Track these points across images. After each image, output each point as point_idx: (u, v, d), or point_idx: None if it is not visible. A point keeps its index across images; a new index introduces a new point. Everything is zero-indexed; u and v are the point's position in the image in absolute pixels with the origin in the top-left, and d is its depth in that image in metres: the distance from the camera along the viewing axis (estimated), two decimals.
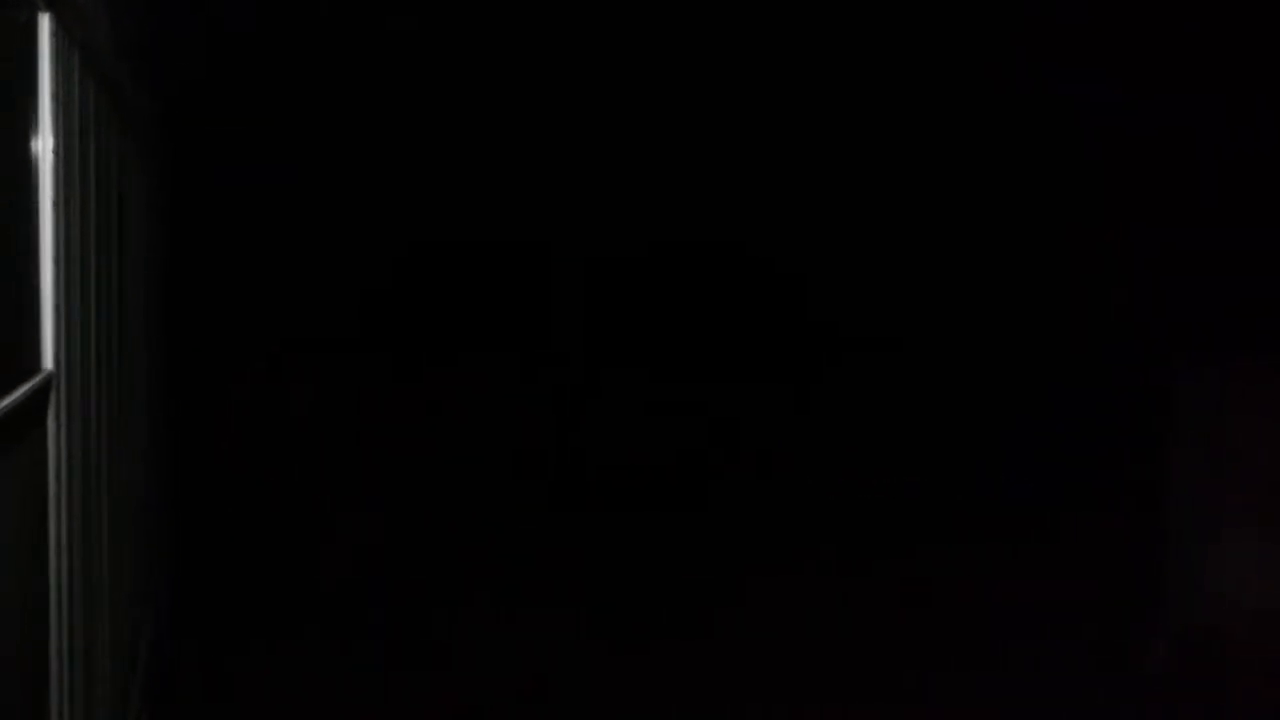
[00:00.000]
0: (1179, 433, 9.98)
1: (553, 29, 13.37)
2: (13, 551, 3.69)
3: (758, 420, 16.30)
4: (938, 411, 16.06)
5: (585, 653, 10.38)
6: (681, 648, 10.50)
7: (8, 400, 3.58)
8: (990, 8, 12.36)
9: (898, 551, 13.59)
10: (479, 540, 14.14)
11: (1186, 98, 12.60)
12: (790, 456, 16.01)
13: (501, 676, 9.96)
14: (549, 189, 15.75)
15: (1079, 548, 13.11)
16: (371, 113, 14.78)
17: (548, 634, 10.85)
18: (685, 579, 12.58)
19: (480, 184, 15.75)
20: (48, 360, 4.49)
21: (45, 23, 4.30)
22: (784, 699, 9.50)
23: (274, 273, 15.74)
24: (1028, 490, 14.53)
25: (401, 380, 16.15)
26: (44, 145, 4.41)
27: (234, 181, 14.88)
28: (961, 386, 16.02)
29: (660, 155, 15.53)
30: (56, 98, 4.45)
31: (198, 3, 10.18)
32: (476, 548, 13.85)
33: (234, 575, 12.52)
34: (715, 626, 11.11)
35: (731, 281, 16.45)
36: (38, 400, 4.27)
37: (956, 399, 16.04)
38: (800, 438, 16.15)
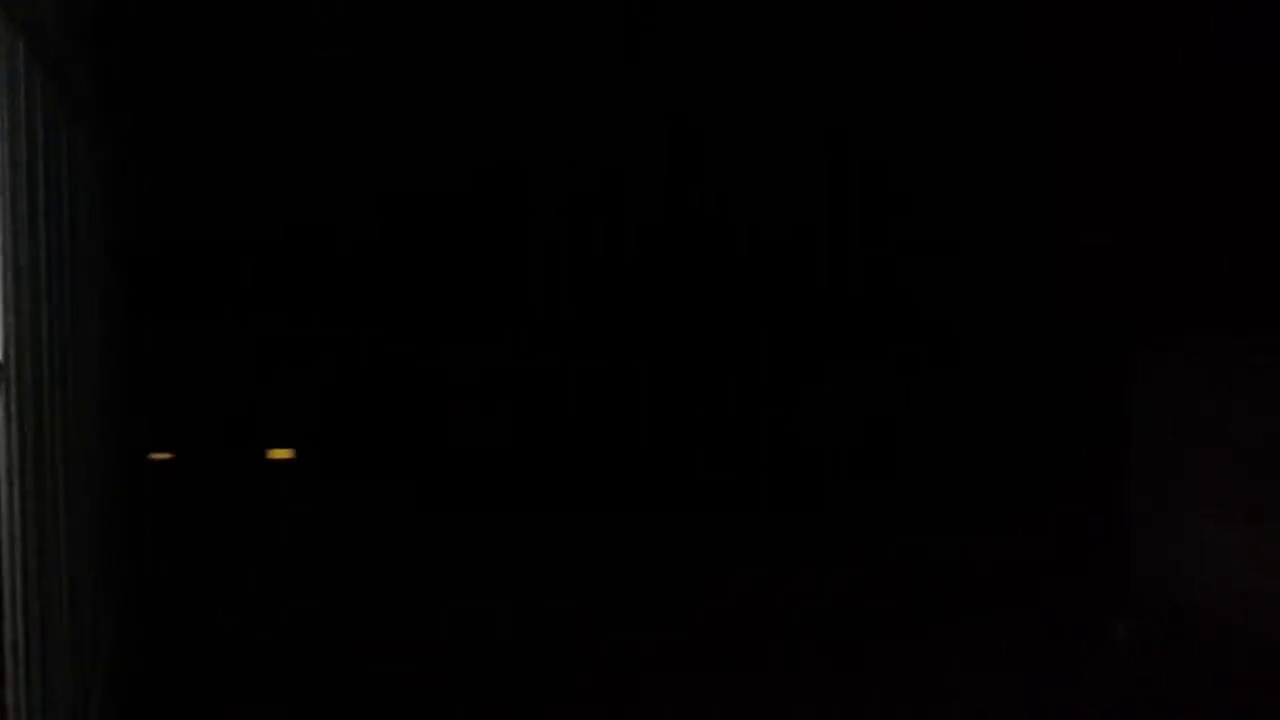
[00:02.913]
0: (1144, 416, 10.04)
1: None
2: None
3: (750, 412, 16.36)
4: (910, 398, 16.14)
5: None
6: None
7: None
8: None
9: (873, 538, 13.66)
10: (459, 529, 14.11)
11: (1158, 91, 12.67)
12: (779, 450, 16.11)
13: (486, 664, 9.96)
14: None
15: (1046, 531, 13.22)
16: (325, 93, 14.65)
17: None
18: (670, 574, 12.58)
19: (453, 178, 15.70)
20: None
21: None
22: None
23: (228, 259, 15.61)
24: (994, 475, 14.64)
25: (364, 375, 16.08)
26: None
27: (186, 165, 14.73)
28: (946, 380, 16.09)
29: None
30: (1, 89, 4.37)
31: None
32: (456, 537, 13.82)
33: (194, 572, 12.44)
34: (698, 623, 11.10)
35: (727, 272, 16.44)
36: None
37: (928, 385, 16.11)
38: (789, 433, 16.25)
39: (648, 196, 15.60)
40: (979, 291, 15.73)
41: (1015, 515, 13.75)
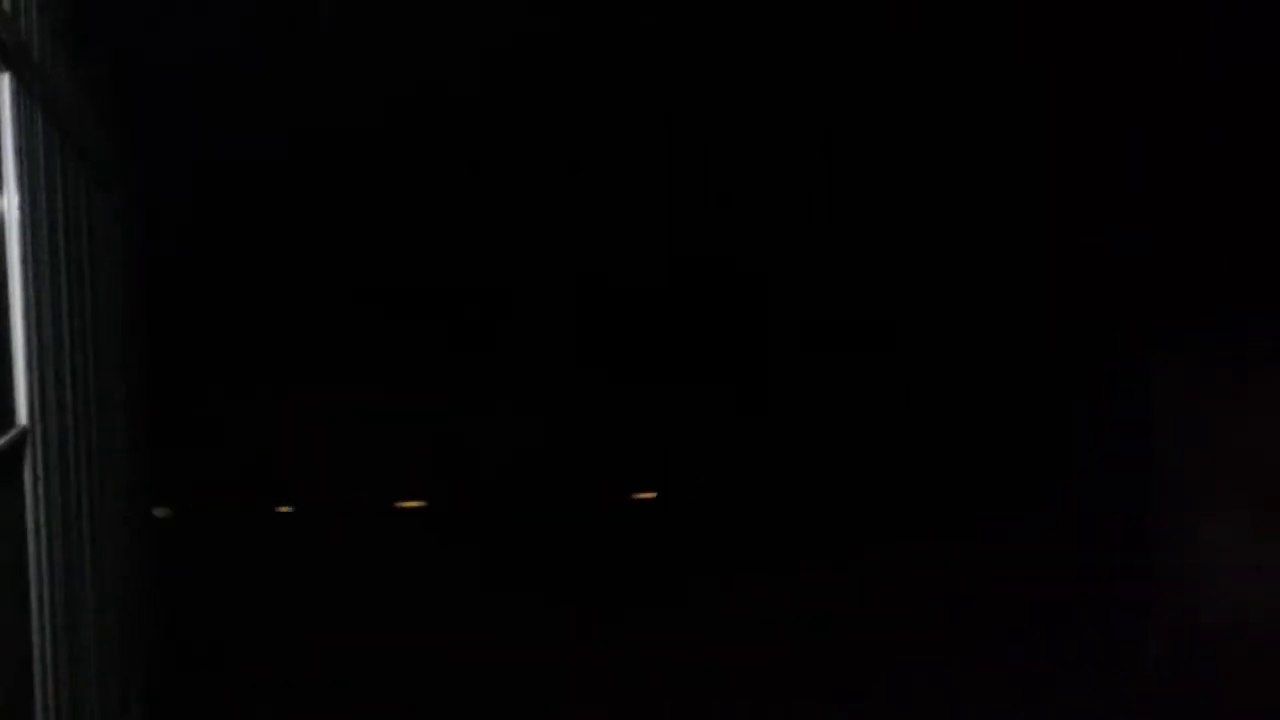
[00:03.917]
0: (1166, 427, 10.00)
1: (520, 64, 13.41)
2: None
3: (720, 420, 16.49)
4: (922, 408, 16.13)
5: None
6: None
7: None
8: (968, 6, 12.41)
9: (884, 549, 13.65)
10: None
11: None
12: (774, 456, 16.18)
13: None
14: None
15: (1067, 545, 13.15)
16: (343, 167, 14.81)
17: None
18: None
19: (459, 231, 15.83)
20: (22, 416, 4.49)
21: (5, 81, 4.32)
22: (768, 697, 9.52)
23: (246, 323, 15.75)
24: (1015, 487, 14.57)
25: (379, 414, 16.17)
26: (9, 203, 4.43)
27: (206, 230, 14.89)
28: (943, 383, 16.09)
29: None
30: (19, 155, 4.47)
31: (165, 57, 10.20)
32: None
33: (219, 621, 12.48)
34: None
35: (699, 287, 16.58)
36: (13, 455, 4.27)
37: (938, 396, 16.10)
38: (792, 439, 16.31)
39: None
40: (988, 300, 15.76)
41: (1031, 525, 13.65)
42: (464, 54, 12.72)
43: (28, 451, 4.53)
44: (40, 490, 4.67)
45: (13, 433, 4.29)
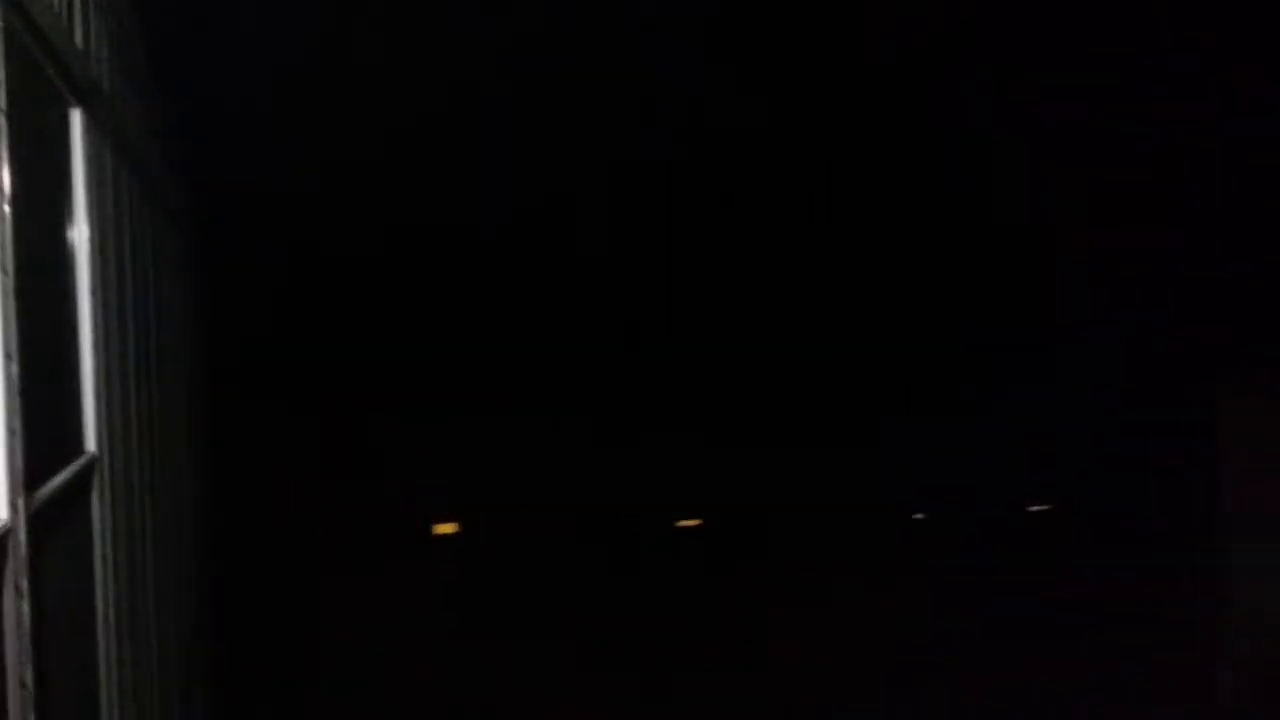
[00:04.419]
0: (1231, 449, 9.87)
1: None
2: (62, 630, 3.79)
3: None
4: (978, 429, 16.03)
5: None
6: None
7: (54, 482, 3.69)
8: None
9: (917, 568, 13.58)
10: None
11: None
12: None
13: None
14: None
15: (1137, 572, 12.98)
16: (402, 192, 14.97)
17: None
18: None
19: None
20: (90, 443, 4.61)
21: (77, 117, 4.46)
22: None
23: (308, 346, 15.93)
24: (1081, 514, 14.43)
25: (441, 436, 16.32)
26: (80, 235, 4.56)
27: (266, 259, 15.08)
28: (1005, 404, 15.99)
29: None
30: (90, 188, 4.60)
31: (224, 87, 10.39)
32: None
33: (276, 643, 12.59)
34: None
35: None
36: (82, 481, 4.38)
37: (999, 415, 15.99)
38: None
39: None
40: (1059, 322, 15.67)
41: (1103, 550, 13.49)
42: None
43: (95, 477, 4.64)
44: (108, 514, 4.78)
45: (82, 460, 4.40)
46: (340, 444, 16.07)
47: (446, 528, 16.35)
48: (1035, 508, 15.31)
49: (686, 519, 16.78)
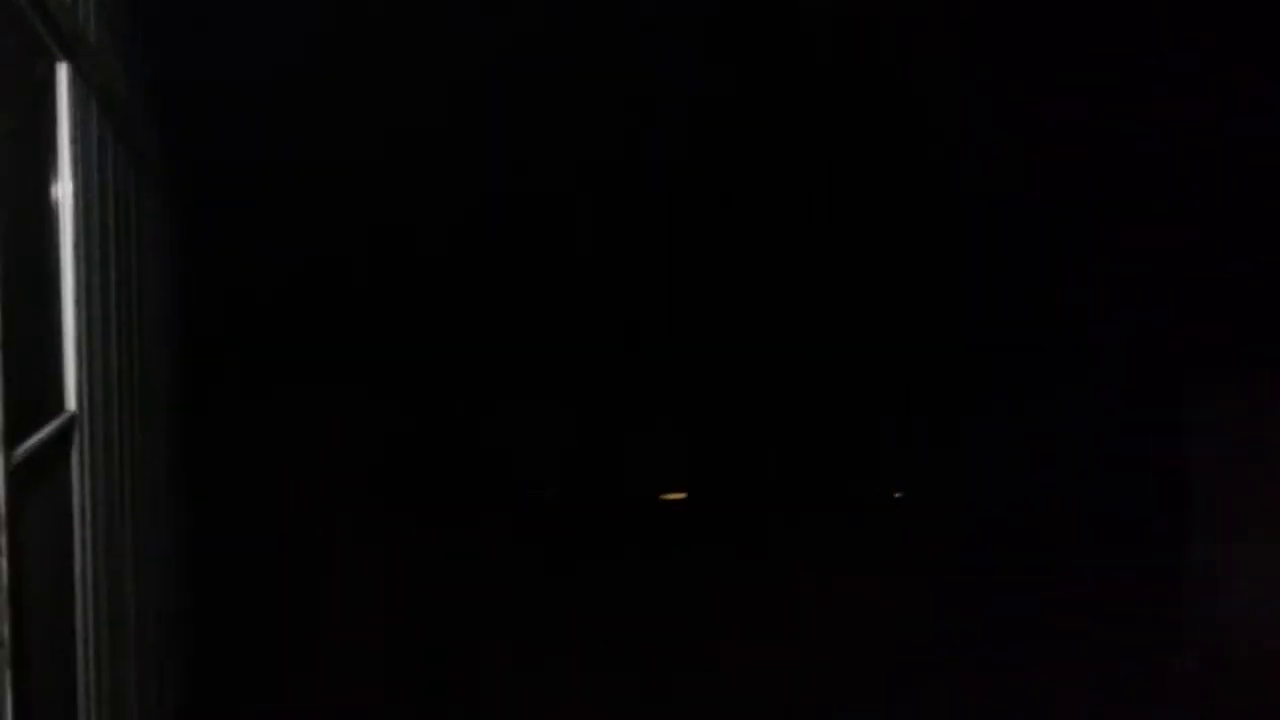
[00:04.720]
0: (1200, 446, 9.98)
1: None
2: (39, 589, 3.77)
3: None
4: (961, 424, 16.12)
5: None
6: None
7: (33, 440, 3.66)
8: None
9: (908, 565, 13.65)
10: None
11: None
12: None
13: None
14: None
15: (1104, 562, 13.09)
16: (385, 161, 14.90)
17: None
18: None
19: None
20: (70, 401, 4.58)
21: (63, 71, 4.41)
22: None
23: (286, 309, 15.88)
24: (1050, 505, 14.53)
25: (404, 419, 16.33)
26: (64, 190, 4.51)
27: (247, 218, 15.00)
28: (983, 401, 16.08)
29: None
30: (75, 143, 4.56)
31: (209, 48, 10.30)
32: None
33: (252, 607, 12.59)
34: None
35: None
36: (61, 440, 4.36)
37: (978, 413, 16.09)
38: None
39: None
40: (1029, 322, 15.75)
41: (1069, 547, 13.61)
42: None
43: (75, 436, 4.62)
44: (86, 474, 4.76)
45: (62, 418, 4.37)
46: (313, 413, 16.04)
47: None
48: (1024, 507, 15.40)
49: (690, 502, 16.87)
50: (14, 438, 3.25)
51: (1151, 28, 12.01)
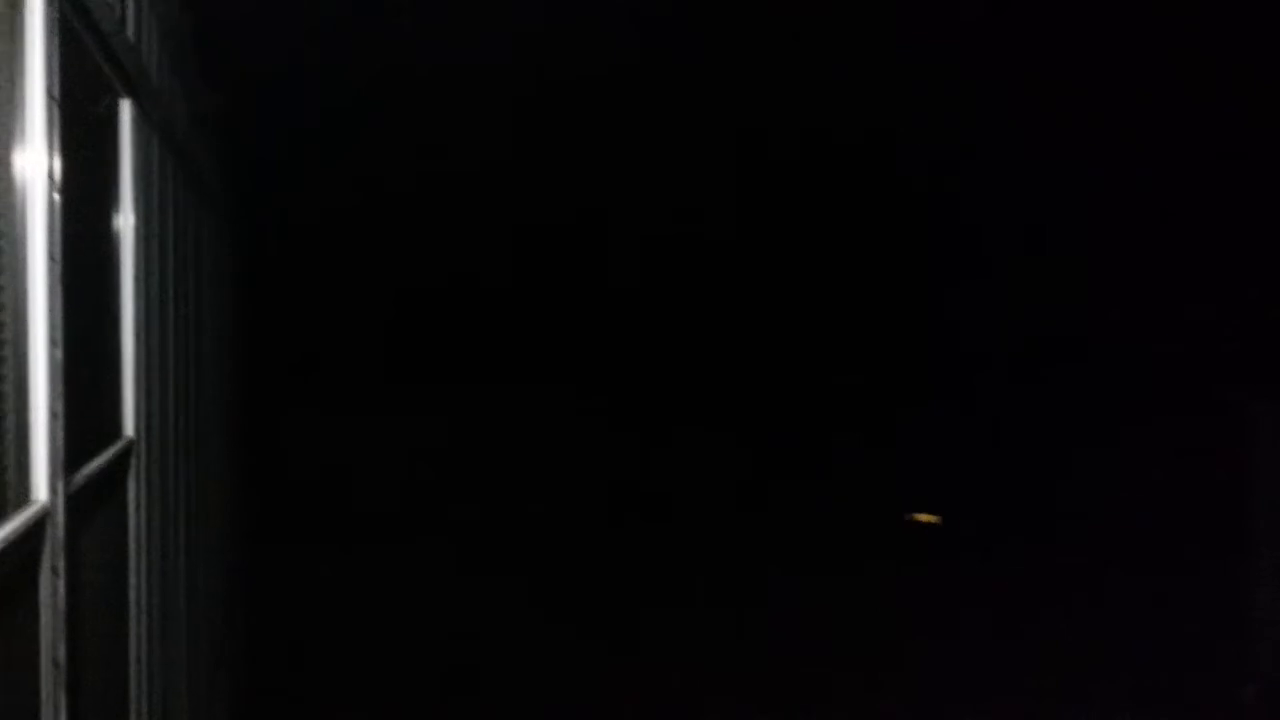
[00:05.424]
0: (1262, 470, 9.84)
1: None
2: (95, 613, 3.85)
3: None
4: (1009, 436, 16.02)
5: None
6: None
7: (91, 465, 3.75)
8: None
9: (933, 577, 13.55)
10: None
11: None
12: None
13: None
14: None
15: (1161, 589, 12.91)
16: (440, 190, 15.07)
17: None
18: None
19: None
20: (129, 427, 4.68)
21: (126, 108, 4.53)
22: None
23: (345, 336, 16.06)
24: (1108, 528, 14.37)
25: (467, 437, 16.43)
26: (125, 224, 4.63)
27: (306, 248, 15.21)
28: (1040, 413, 15.97)
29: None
30: (137, 178, 4.67)
31: (270, 84, 10.50)
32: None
33: (304, 629, 12.68)
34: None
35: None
36: (119, 465, 4.45)
37: (1032, 425, 15.97)
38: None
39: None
40: (1097, 342, 15.67)
41: (1132, 572, 13.43)
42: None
43: (133, 462, 4.71)
44: (143, 499, 4.85)
45: (120, 444, 4.47)
46: (366, 437, 16.18)
47: None
48: (1085, 537, 15.24)
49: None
50: (73, 463, 3.32)
51: (1153, 26, 11.97)
